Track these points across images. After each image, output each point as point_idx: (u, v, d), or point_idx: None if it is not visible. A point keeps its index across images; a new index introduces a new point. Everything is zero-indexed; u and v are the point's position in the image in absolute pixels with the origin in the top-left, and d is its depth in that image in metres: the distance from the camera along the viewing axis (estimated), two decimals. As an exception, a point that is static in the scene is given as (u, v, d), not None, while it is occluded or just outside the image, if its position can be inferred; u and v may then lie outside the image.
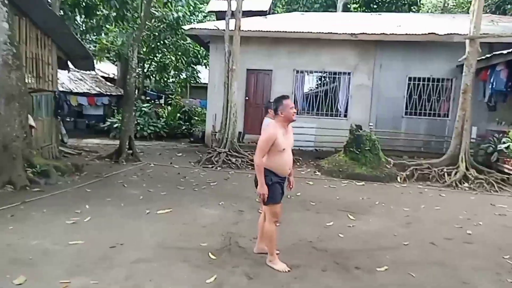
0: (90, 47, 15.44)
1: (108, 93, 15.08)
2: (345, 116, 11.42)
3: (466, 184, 7.81)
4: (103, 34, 14.20)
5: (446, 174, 8.21)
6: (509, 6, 16.40)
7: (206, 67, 16.95)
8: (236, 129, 9.70)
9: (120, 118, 9.30)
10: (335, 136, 10.27)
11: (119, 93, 15.03)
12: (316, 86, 11.95)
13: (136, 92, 16.44)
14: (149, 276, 3.20)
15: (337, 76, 11.42)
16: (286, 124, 3.43)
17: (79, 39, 8.42)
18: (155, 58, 16.18)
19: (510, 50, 8.23)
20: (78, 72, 14.76)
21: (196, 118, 14.54)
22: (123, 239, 3.98)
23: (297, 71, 11.49)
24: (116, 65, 17.38)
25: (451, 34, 10.17)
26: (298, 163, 9.57)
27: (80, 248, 3.73)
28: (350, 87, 11.34)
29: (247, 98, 11.61)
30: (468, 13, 9.29)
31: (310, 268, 3.52)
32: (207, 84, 12.54)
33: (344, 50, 11.20)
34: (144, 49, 14.95)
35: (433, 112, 11.11)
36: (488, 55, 9.24)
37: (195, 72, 17.62)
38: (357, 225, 4.92)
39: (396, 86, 11.12)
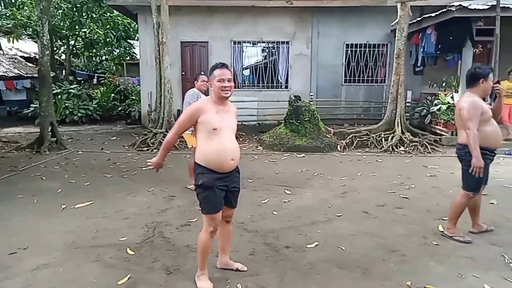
0: (4, 23, 13.69)
1: (30, 75, 13.58)
2: (286, 87, 11.24)
3: (402, 148, 8.03)
4: (16, 8, 12.58)
5: (383, 139, 8.38)
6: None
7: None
8: (173, 107, 9.15)
9: (38, 102, 8.33)
10: (277, 108, 10.11)
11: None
12: (256, 57, 11.57)
13: (63, 73, 15.11)
14: (50, 284, 2.79)
15: (275, 45, 11.11)
16: (221, 101, 2.67)
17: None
18: (81, 34, 14.73)
19: (438, 13, 8.38)
20: (-9, 53, 13.13)
21: (133, 97, 13.62)
22: (28, 243, 3.49)
23: (235, 42, 11.01)
24: (37, 43, 15.69)
25: (383, -2, 10.18)
26: (240, 139, 9.31)
27: (-29, 259, 3.20)
28: (289, 56, 11.10)
29: (183, 73, 10.98)
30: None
31: (237, 253, 3.29)
32: (139, 60, 11.68)
33: (281, 18, 10.85)
34: (66, 24, 13.51)
35: (371, 78, 11.26)
36: (418, 18, 9.38)
37: (129, 48, 16.42)
38: (293, 200, 4.78)
39: (334, 53, 11.07)
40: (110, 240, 3.57)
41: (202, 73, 5.45)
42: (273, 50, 11.19)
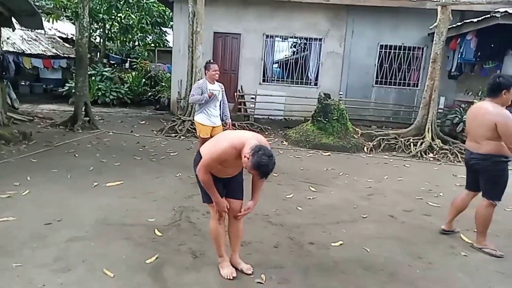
0: (44, 3, 14.16)
1: (66, 55, 14.02)
2: (316, 84, 11.14)
3: (431, 155, 7.84)
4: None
5: (412, 144, 8.20)
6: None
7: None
8: (202, 96, 9.24)
9: (74, 82, 8.60)
10: (305, 105, 10.04)
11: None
12: (287, 52, 11.52)
13: (98, 55, 15.51)
14: (82, 257, 2.91)
15: (308, 42, 11.02)
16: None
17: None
18: (117, 18, 15.07)
19: (480, 18, 8.08)
20: (32, 32, 13.62)
21: (163, 84, 13.85)
22: (62, 215, 3.64)
23: (267, 36, 10.98)
24: (75, 25, 16.15)
25: (423, 0, 9.89)
26: (266, 133, 9.34)
27: (9, 226, 3.37)
28: (321, 54, 10.99)
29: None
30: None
31: (262, 244, 3.33)
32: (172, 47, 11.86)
33: (315, 14, 10.74)
34: (103, 8, 13.84)
35: (403, 81, 11.01)
36: (459, 23, 9.08)
37: (162, 35, 16.66)
38: (318, 198, 4.77)
39: (367, 54, 10.88)
40: (139, 220, 3.68)
41: (212, 61, 5.40)
42: (305, 46, 11.10)
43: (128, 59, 17.38)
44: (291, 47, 11.48)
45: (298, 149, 7.78)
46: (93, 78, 12.14)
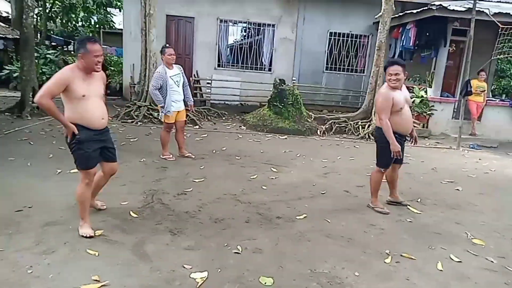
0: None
1: (2, 36, 12.92)
2: (270, 70, 11.46)
3: (376, 136, 8.52)
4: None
5: (360, 127, 8.86)
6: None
7: (120, 11, 15.38)
8: (157, 81, 9.14)
9: (19, 66, 8.08)
10: (259, 90, 10.33)
11: (17, 36, 12.97)
12: (241, 37, 11.66)
13: (38, 37, 14.47)
14: (62, 239, 2.96)
15: (261, 28, 11.24)
16: (87, 72, 2.96)
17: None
18: (60, -3, 14.12)
19: (419, 10, 8.83)
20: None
21: (112, 68, 13.32)
22: (32, 202, 3.61)
23: (221, 20, 11.03)
24: (9, 2, 14.84)
25: (370, -9, 10.51)
26: (223, 118, 9.51)
27: (-24, 215, 3.29)
28: (274, 40, 11.29)
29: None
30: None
31: (234, 221, 3.59)
32: (122, 30, 11.45)
33: (268, 0, 10.95)
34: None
35: (351, 67, 11.69)
36: (400, 14, 9.81)
37: (108, 15, 15.90)
38: (279, 177, 5.11)
39: (318, 40, 11.36)
40: (112, 204, 3.74)
41: (168, 45, 5.57)
42: (258, 32, 11.31)
43: (72, 41, 16.39)
44: (244, 32, 11.62)
45: (256, 133, 8.08)
46: (36, 61, 11.36)
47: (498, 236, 3.69)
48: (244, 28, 11.54)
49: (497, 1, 10.15)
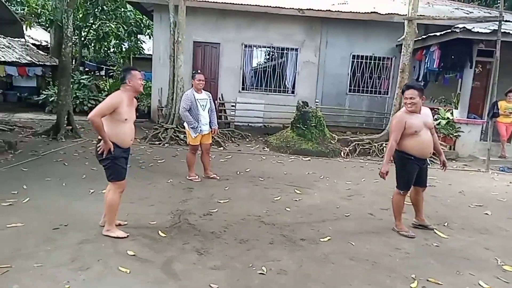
0: (16, 9, 13.92)
1: (42, 63, 13.83)
2: (293, 92, 11.64)
3: (401, 158, 8.43)
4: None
5: (384, 148, 8.77)
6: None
7: (150, 38, 16.14)
8: (183, 104, 9.48)
9: (56, 91, 8.61)
10: (283, 112, 10.49)
11: (54, 63, 13.84)
12: (265, 61, 11.96)
13: (73, 63, 15.35)
14: (96, 256, 3.12)
15: (284, 52, 11.51)
16: (133, 95, 3.56)
17: (2, 0, 7.49)
18: (93, 26, 15.02)
19: (443, 32, 8.84)
20: (4, 38, 13.34)
21: (141, 91, 13.92)
22: (67, 220, 3.82)
23: (245, 46, 11.38)
24: (49, 32, 15.90)
25: (391, 14, 10.64)
26: (247, 139, 9.69)
27: (20, 231, 3.53)
28: (298, 63, 11.51)
29: (194, 71, 11.31)
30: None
31: (258, 242, 3.66)
32: (151, 55, 12.01)
33: (291, 25, 11.26)
34: (80, 15, 13.78)
35: (374, 89, 11.70)
36: (423, 36, 9.84)
37: (138, 42, 16.72)
38: (303, 199, 5.15)
39: (340, 63, 11.49)
40: (141, 223, 3.91)
41: (199, 71, 5.92)
42: (282, 56, 11.58)
43: (104, 66, 17.28)
44: (268, 56, 11.92)
45: (280, 155, 8.17)
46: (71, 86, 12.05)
47: (530, 263, 3.58)
48: (268, 52, 11.85)
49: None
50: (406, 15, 9.13)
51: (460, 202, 5.47)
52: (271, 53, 11.77)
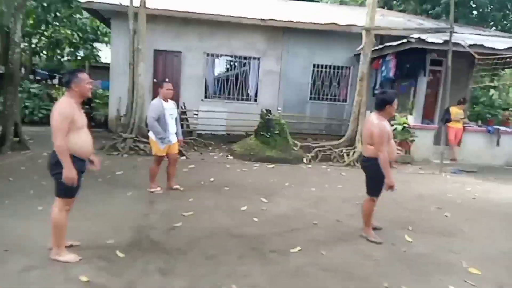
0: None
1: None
2: (255, 100, 11.60)
3: (362, 164, 8.60)
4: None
5: (345, 154, 8.94)
6: (394, 2, 18.36)
7: (107, 45, 15.51)
8: (144, 113, 9.10)
9: (2, 100, 7.95)
10: (245, 120, 10.40)
11: (0, 71, 12.85)
12: (228, 70, 11.85)
13: (23, 71, 14.36)
14: (43, 286, 2.79)
15: (247, 60, 11.47)
16: (80, 100, 3.21)
17: None
18: (45, 33, 14.16)
19: (399, 42, 9.20)
20: None
21: (98, 101, 13.27)
22: (9, 245, 3.41)
23: (208, 54, 11.22)
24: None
25: (350, 25, 10.95)
26: (210, 148, 9.47)
27: (-49, 260, 3.09)
28: (260, 72, 11.51)
29: (155, 80, 10.96)
30: (365, 5, 10.07)
31: (227, 257, 3.48)
32: (108, 64, 11.50)
33: (254, 35, 11.26)
34: (31, 22, 12.95)
35: (333, 97, 11.94)
36: (380, 46, 10.19)
37: (94, 50, 16.00)
38: (270, 208, 5.03)
39: (302, 72, 11.64)
40: (97, 242, 3.58)
41: (167, 80, 5.75)
42: (244, 64, 11.52)
43: (56, 74, 16.32)
44: (231, 65, 11.82)
45: (244, 162, 8.03)
46: (19, 95, 11.21)
47: (492, 264, 3.68)
48: (231, 61, 11.75)
49: (469, 34, 10.69)
50: (364, 26, 9.41)
51: (420, 205, 5.61)
52: (234, 61, 11.68)
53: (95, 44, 16.22)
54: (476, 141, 9.63)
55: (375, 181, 4.05)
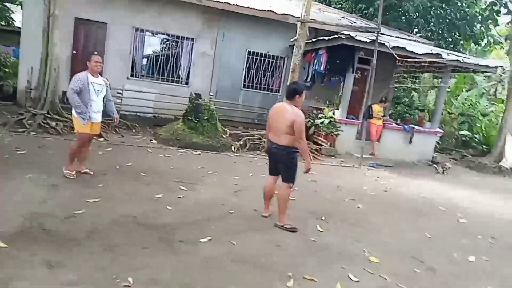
0: None
1: None
2: (187, 83, 11.16)
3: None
4: None
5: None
6: (333, -1, 18.90)
7: (22, 8, 13.76)
8: (58, 87, 8.25)
9: None
10: (175, 103, 9.93)
11: None
12: (159, 49, 11.21)
13: None
14: None
15: (180, 40, 10.95)
16: None
17: None
18: None
19: (331, 37, 9.43)
20: None
21: (7, 70, 11.80)
22: None
23: (137, 29, 10.49)
24: None
25: (286, 14, 10.97)
26: (134, 130, 8.92)
27: None
28: (193, 54, 11.07)
29: (74, 52, 9.98)
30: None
31: (130, 247, 3.23)
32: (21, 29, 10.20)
33: (189, 14, 10.75)
34: None
35: (267, 86, 11.96)
36: (314, 39, 10.38)
37: (6, 11, 14.14)
38: (188, 196, 4.84)
39: (236, 58, 11.44)
40: (-25, 231, 3.11)
41: (95, 53, 5.26)
42: (177, 45, 11.00)
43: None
44: (162, 44, 11.21)
45: (168, 148, 7.68)
46: None
47: (392, 254, 3.90)
48: (162, 40, 11.13)
49: (395, 37, 11.35)
50: (299, 17, 9.47)
51: (337, 197, 5.83)
52: (165, 40, 11.08)
53: (8, 5, 14.34)
54: (394, 138, 10.33)
55: (292, 169, 4.15)
